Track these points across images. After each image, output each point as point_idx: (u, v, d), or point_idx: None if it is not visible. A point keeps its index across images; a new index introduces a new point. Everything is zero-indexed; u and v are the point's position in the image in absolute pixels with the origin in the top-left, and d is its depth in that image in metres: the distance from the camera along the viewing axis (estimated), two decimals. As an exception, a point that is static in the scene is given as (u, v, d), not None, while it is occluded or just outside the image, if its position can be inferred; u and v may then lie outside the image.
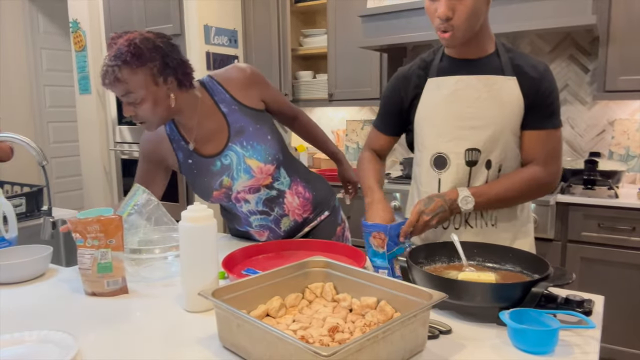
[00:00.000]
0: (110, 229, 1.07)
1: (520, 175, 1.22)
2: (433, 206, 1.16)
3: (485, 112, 1.20)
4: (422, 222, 1.15)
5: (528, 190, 1.22)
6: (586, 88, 2.72)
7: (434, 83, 1.26)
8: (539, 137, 1.21)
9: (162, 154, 1.42)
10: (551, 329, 0.79)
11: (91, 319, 0.96)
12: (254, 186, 1.40)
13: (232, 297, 0.86)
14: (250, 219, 1.45)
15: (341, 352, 0.63)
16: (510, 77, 1.19)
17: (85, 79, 3.74)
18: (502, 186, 1.20)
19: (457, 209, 1.18)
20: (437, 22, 1.15)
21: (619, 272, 2.23)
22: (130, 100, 1.22)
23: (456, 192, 1.18)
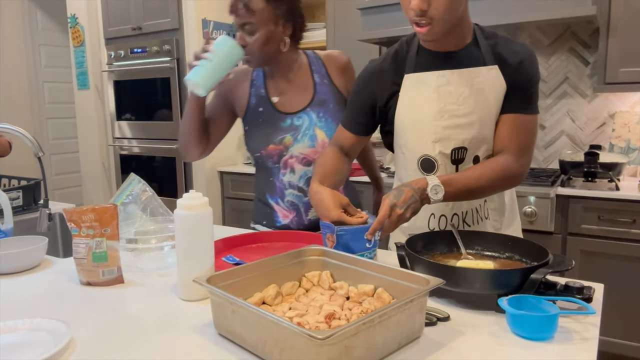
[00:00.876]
0: (105, 217, 1.06)
1: (491, 165, 1.14)
2: (404, 197, 1.06)
3: (470, 108, 1.14)
4: (396, 216, 1.04)
5: (498, 181, 1.14)
6: (586, 81, 2.71)
7: (412, 80, 1.18)
8: (515, 122, 1.15)
9: (236, 93, 1.47)
10: (550, 315, 0.78)
11: (86, 308, 0.95)
12: (308, 157, 1.43)
13: (227, 284, 0.85)
14: (286, 191, 1.45)
15: (336, 335, 0.62)
16: (492, 67, 1.14)
17: (84, 75, 3.73)
18: (473, 176, 1.12)
19: (426, 198, 1.08)
20: (412, 15, 1.06)
21: (619, 265, 2.22)
22: (247, 29, 1.30)
23: (425, 181, 1.08)
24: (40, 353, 0.72)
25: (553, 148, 2.83)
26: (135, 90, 3.49)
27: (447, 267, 0.92)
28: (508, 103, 1.16)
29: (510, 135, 1.16)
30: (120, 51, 3.49)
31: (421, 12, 1.04)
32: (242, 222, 3.20)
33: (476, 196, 1.17)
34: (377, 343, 0.71)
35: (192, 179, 3.31)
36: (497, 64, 1.14)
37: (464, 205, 1.22)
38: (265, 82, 1.46)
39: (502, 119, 1.17)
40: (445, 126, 1.16)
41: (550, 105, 2.81)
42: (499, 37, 1.17)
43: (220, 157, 3.36)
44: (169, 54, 3.24)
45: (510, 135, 1.16)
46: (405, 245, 1.01)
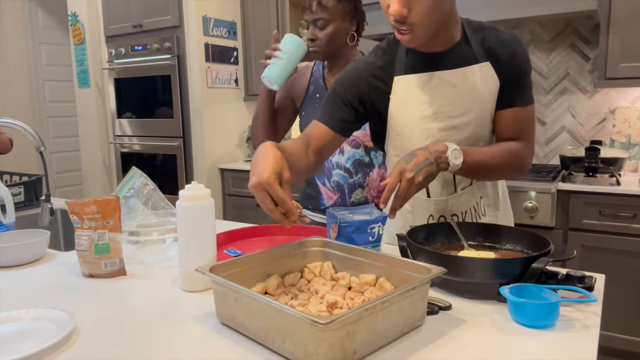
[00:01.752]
0: (108, 210, 1.06)
1: (504, 147, 1.12)
2: (416, 160, 0.99)
3: (465, 108, 1.12)
4: (406, 182, 0.97)
5: (509, 165, 1.12)
6: (587, 76, 2.71)
7: (403, 82, 1.13)
8: (514, 116, 1.13)
9: (297, 86, 1.62)
10: (551, 303, 0.78)
11: (88, 299, 0.95)
12: (358, 139, 1.51)
13: (229, 274, 0.85)
14: (333, 171, 1.54)
15: (338, 321, 0.63)
16: (484, 64, 1.11)
17: (85, 72, 3.73)
18: (488, 153, 1.09)
19: (444, 163, 1.01)
20: (391, 20, 0.99)
21: (620, 260, 2.22)
22: (319, 24, 1.46)
23: (443, 145, 1.03)
24: (43, 342, 0.72)
25: (554, 144, 2.83)
26: (135, 87, 3.49)
27: (448, 256, 0.92)
28: (504, 98, 1.13)
29: (513, 129, 1.15)
30: (121, 49, 3.50)
31: (401, 19, 0.97)
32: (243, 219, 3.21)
33: (486, 175, 1.15)
34: (379, 330, 0.71)
35: (193, 176, 3.32)
36: (488, 60, 1.11)
37: (463, 205, 1.21)
38: (324, 75, 1.59)
39: (501, 114, 1.15)
40: (440, 128, 1.13)
41: (551, 101, 2.81)
42: (486, 29, 1.13)
43: (221, 154, 3.37)
44: (169, 52, 3.25)
45: (512, 129, 1.15)
46: (406, 236, 1.01)
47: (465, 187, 1.21)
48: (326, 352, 0.64)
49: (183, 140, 3.30)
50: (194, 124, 3.26)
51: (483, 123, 1.15)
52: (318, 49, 1.49)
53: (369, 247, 1.04)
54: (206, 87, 3.22)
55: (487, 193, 1.25)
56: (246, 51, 3.43)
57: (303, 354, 0.67)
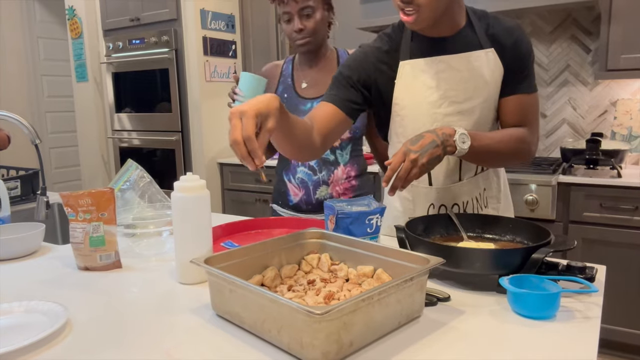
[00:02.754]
0: (102, 202, 1.05)
1: (510, 132, 1.12)
2: (422, 142, 0.98)
3: (470, 93, 1.12)
4: (409, 162, 0.96)
5: (515, 151, 1.12)
6: (588, 68, 2.69)
7: (408, 67, 1.13)
8: (519, 102, 1.14)
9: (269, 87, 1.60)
10: (552, 293, 0.77)
11: (83, 292, 0.94)
12: None
13: (224, 266, 0.84)
14: (298, 169, 1.54)
15: (334, 311, 0.61)
16: (488, 50, 1.11)
17: (82, 67, 3.71)
18: (495, 138, 1.09)
19: (451, 146, 1.00)
20: (397, 1, 1.00)
21: (621, 253, 2.21)
22: (304, 13, 1.45)
23: (452, 128, 1.02)
24: (35, 334, 0.71)
25: (554, 137, 2.82)
26: (134, 82, 3.47)
27: (447, 247, 0.91)
28: (509, 85, 1.14)
29: (517, 116, 1.15)
30: (119, 43, 3.47)
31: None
32: (243, 214, 3.20)
33: (492, 160, 1.14)
34: (377, 321, 0.70)
35: (192, 170, 3.30)
36: (493, 46, 1.12)
37: (465, 194, 1.20)
38: (292, 73, 1.59)
39: (506, 102, 1.15)
40: (446, 113, 1.13)
41: (552, 94, 2.79)
42: (490, 17, 1.14)
43: (220, 149, 3.35)
44: (167, 45, 3.22)
45: (517, 116, 1.15)
46: (405, 228, 1.00)
47: (469, 177, 1.20)
48: (322, 343, 0.63)
49: (181, 135, 3.28)
50: (193, 119, 3.24)
51: (488, 109, 1.15)
52: (309, 38, 1.47)
53: (367, 238, 1.03)
54: (204, 81, 3.20)
55: (490, 185, 1.24)
56: (245, 44, 3.41)
57: (299, 345, 0.65)
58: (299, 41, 1.48)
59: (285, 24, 1.49)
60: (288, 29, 1.49)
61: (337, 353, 0.65)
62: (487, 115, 1.15)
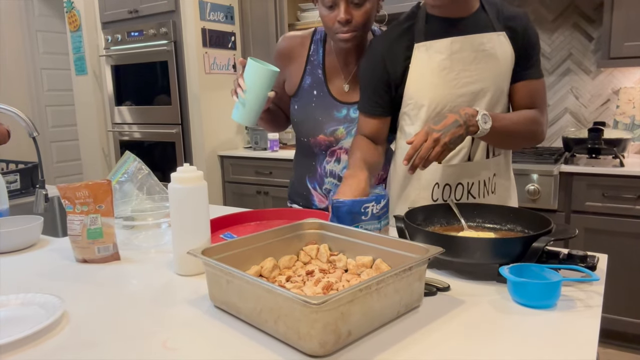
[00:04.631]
0: (99, 194, 1.04)
1: (525, 114, 1.16)
2: (445, 122, 1.00)
3: (484, 74, 1.14)
4: (431, 141, 0.97)
5: (530, 131, 1.16)
6: (590, 57, 2.66)
7: (423, 48, 1.14)
8: (530, 87, 1.18)
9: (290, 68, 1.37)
10: (553, 282, 0.76)
11: (81, 285, 0.94)
12: None
13: (222, 257, 0.83)
14: (326, 179, 1.40)
15: (332, 301, 0.61)
16: (500, 33, 1.14)
17: (81, 60, 3.69)
18: (512, 119, 1.13)
19: (474, 126, 1.03)
20: None
21: (623, 242, 2.20)
22: (357, 1, 1.18)
23: (474, 109, 1.04)
24: (31, 327, 0.71)
25: (556, 126, 2.80)
26: (133, 74, 3.45)
27: (447, 236, 0.90)
28: (520, 71, 1.18)
29: (529, 100, 1.19)
30: (118, 35, 3.45)
31: None
32: (243, 206, 3.19)
33: (509, 141, 1.18)
34: (375, 311, 0.70)
35: (192, 163, 3.30)
36: (504, 30, 1.15)
37: (473, 175, 1.21)
38: (324, 62, 1.33)
39: (517, 87, 1.19)
40: (460, 94, 1.14)
41: (554, 83, 2.76)
42: (499, 3, 1.18)
43: (220, 141, 3.34)
44: (166, 37, 3.20)
45: (528, 101, 1.19)
46: (404, 218, 0.99)
47: (480, 159, 1.21)
48: (319, 333, 0.62)
49: (181, 128, 3.27)
50: (192, 111, 3.23)
51: (500, 92, 1.17)
52: (354, 33, 1.20)
53: (369, 227, 1.01)
54: (204, 73, 3.18)
55: (500, 171, 1.25)
56: (244, 36, 3.38)
57: (296, 335, 0.65)
58: (343, 35, 1.20)
59: (325, 10, 1.20)
60: (329, 16, 1.19)
61: (334, 343, 0.64)
62: (498, 97, 1.17)
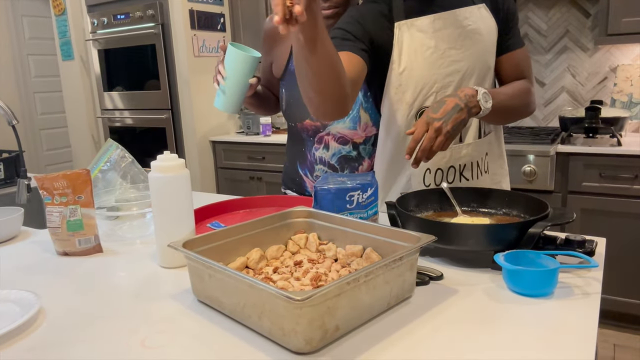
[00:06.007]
0: (78, 184, 0.99)
1: (517, 86, 1.14)
2: (444, 108, 0.94)
3: (470, 51, 1.10)
4: (433, 131, 0.92)
5: (524, 103, 1.14)
6: (587, 34, 2.60)
7: (404, 27, 1.08)
8: (516, 57, 1.16)
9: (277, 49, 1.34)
10: (549, 270, 0.73)
11: (60, 278, 0.90)
12: (347, 137, 1.31)
13: (206, 248, 0.80)
14: (316, 166, 1.36)
15: (316, 296, 0.57)
16: (480, 5, 1.11)
17: (67, 44, 3.60)
18: (508, 94, 1.09)
19: (476, 107, 0.97)
20: None
21: (621, 222, 2.18)
22: None
23: (472, 89, 0.99)
24: (4, 325, 0.67)
25: (553, 105, 2.75)
26: (120, 59, 3.37)
27: (439, 223, 0.87)
28: (503, 43, 1.15)
29: (516, 71, 1.17)
30: (104, 18, 3.36)
31: None
32: (237, 192, 3.15)
33: (507, 117, 1.14)
34: (364, 304, 0.66)
35: (183, 149, 3.24)
36: (483, 1, 1.12)
37: (462, 158, 1.16)
38: None
39: (503, 60, 1.17)
40: (447, 74, 1.10)
41: (551, 61, 2.71)
42: None
43: (212, 126, 3.28)
44: (153, 19, 3.11)
45: (515, 71, 1.17)
46: (396, 204, 0.95)
47: (473, 140, 1.17)
48: (304, 329, 0.59)
49: (172, 113, 3.21)
50: (182, 95, 3.16)
51: (487, 69, 1.14)
52: (337, 9, 1.19)
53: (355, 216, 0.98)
54: (193, 56, 3.10)
55: (492, 149, 1.22)
56: (234, 17, 3.29)
57: (280, 331, 0.62)
58: (324, 11, 1.20)
59: None
60: None
61: (321, 339, 0.61)
62: (485, 74, 1.14)
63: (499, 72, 1.18)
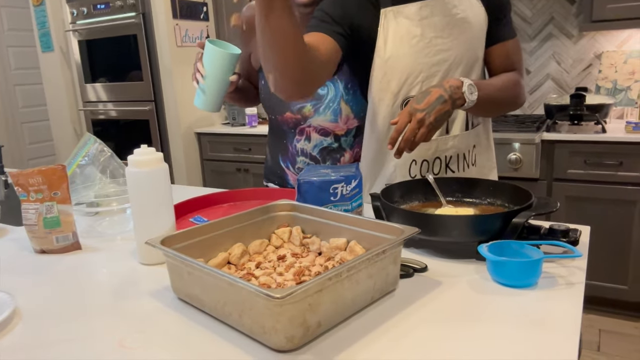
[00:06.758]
0: (54, 180, 0.97)
1: (506, 78, 1.11)
2: (428, 99, 0.93)
3: (457, 41, 1.07)
4: (415, 122, 0.91)
5: (513, 95, 1.11)
6: (572, 20, 2.60)
7: (391, 14, 1.06)
8: (507, 48, 1.14)
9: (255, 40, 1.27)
10: (533, 260, 0.73)
11: (37, 277, 0.88)
12: (328, 129, 1.29)
13: (186, 245, 0.78)
14: (298, 158, 1.34)
15: (297, 293, 0.56)
16: None
17: (47, 36, 3.52)
18: (496, 85, 1.07)
19: (461, 99, 0.96)
20: None
21: (605, 209, 2.20)
22: None
23: (458, 80, 0.97)
24: (-24, 328, 0.65)
25: (538, 93, 2.76)
26: (101, 50, 3.30)
27: (422, 215, 0.86)
28: (494, 33, 1.13)
29: (506, 62, 1.15)
30: (83, 8, 3.28)
31: None
32: (224, 185, 3.12)
33: (494, 109, 1.13)
34: (347, 299, 0.65)
35: (167, 141, 3.20)
36: None
37: (449, 150, 1.15)
38: None
39: (493, 51, 1.14)
40: (433, 63, 1.08)
41: (535, 48, 2.71)
42: None
43: (197, 118, 3.24)
44: (134, 9, 3.05)
45: (505, 63, 1.15)
46: (380, 196, 0.94)
47: (460, 132, 1.15)
48: (285, 327, 0.58)
49: (155, 104, 3.16)
50: (166, 87, 3.11)
51: (475, 59, 1.11)
52: None
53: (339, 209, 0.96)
54: (175, 46, 3.05)
55: (480, 142, 1.21)
56: (217, 5, 3.24)
57: (261, 329, 0.60)
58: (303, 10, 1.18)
59: None
60: None
61: (302, 336, 0.60)
62: (473, 65, 1.12)
63: (488, 63, 1.16)
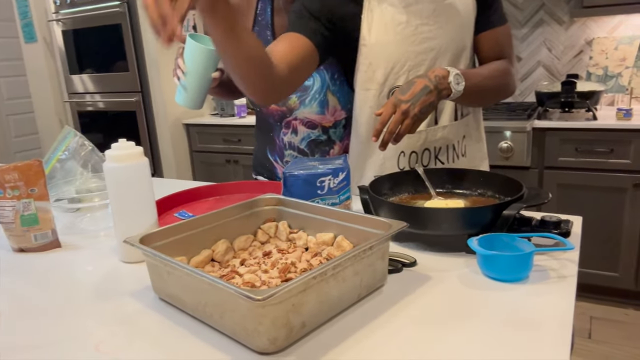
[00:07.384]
0: (30, 176, 0.93)
1: (496, 67, 1.08)
2: (413, 90, 0.91)
3: (444, 28, 1.04)
4: (400, 114, 0.89)
5: (503, 85, 1.09)
6: (563, 6, 2.57)
7: (375, 1, 1.04)
8: (496, 35, 1.11)
9: None
10: (524, 254, 0.71)
11: (13, 277, 0.85)
12: (315, 121, 1.25)
13: (168, 242, 0.75)
14: (285, 151, 1.30)
15: (280, 293, 0.53)
16: None
17: (29, 26, 3.43)
18: (483, 74, 1.04)
19: (447, 89, 0.94)
20: None
21: (596, 196, 2.19)
22: None
23: (444, 70, 0.95)
24: (-54, 334, 0.62)
25: (529, 80, 2.74)
26: (86, 40, 3.23)
27: (411, 208, 0.83)
28: (483, 20, 1.09)
29: (496, 50, 1.12)
30: (66, -3, 3.20)
31: None
32: (213, 176, 3.09)
33: (483, 99, 1.11)
34: (332, 297, 0.63)
35: (156, 133, 3.14)
36: None
37: (438, 141, 1.12)
38: (272, 21, 1.22)
39: (482, 38, 1.11)
40: (419, 51, 1.05)
41: (526, 35, 2.68)
42: None
43: (184, 109, 3.17)
44: (118, -2, 2.98)
45: (495, 50, 1.12)
46: (369, 189, 0.92)
47: (449, 123, 1.12)
48: (268, 329, 0.56)
49: (142, 95, 3.10)
50: (152, 77, 3.05)
51: (462, 47, 1.08)
52: None
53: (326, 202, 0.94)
54: (162, 36, 2.98)
55: (470, 132, 1.18)
56: (203, -6, 3.17)
57: (244, 331, 0.58)
58: None
59: None
60: None
61: (286, 338, 0.58)
62: (461, 53, 1.09)
63: (478, 51, 1.13)
